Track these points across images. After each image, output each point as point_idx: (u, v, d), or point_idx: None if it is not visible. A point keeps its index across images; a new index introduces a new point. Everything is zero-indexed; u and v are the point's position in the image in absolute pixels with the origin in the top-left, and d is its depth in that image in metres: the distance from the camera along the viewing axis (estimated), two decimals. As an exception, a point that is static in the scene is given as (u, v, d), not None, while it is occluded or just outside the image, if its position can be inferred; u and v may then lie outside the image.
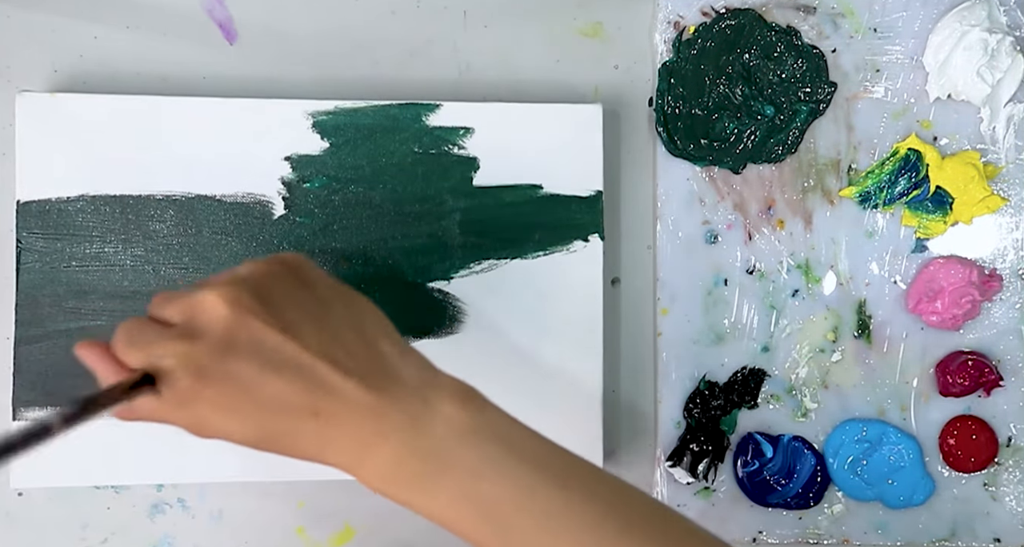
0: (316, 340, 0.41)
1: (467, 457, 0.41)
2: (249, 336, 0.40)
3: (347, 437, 0.41)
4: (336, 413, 0.41)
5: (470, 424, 0.41)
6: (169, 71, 0.59)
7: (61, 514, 0.58)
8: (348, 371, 0.41)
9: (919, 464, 0.59)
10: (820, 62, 0.60)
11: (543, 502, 0.41)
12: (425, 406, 0.41)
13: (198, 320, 0.41)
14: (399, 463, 0.41)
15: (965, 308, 0.59)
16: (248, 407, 0.41)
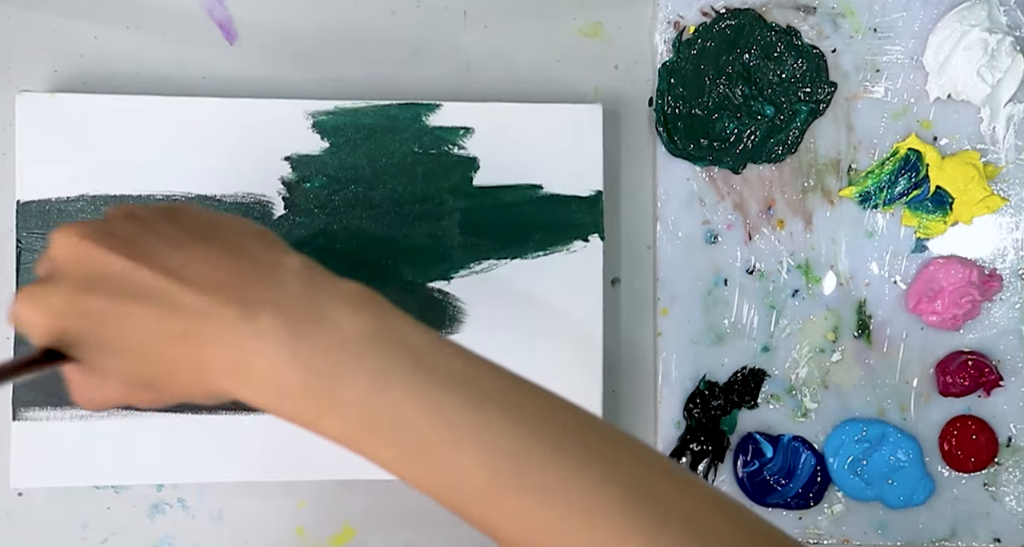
0: (172, 262, 0.38)
1: (362, 367, 0.36)
2: (97, 268, 0.38)
3: (222, 355, 0.37)
4: (204, 332, 0.37)
5: (366, 330, 0.37)
6: (169, 71, 0.59)
7: (61, 514, 0.58)
8: (211, 287, 0.37)
9: (919, 464, 0.59)
10: (820, 62, 0.60)
11: (454, 418, 0.36)
12: (309, 312, 0.37)
13: (51, 264, 0.39)
14: (278, 375, 0.36)
15: (965, 308, 0.59)
16: (119, 343, 0.38)
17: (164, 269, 0.37)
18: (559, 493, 0.36)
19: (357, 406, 0.36)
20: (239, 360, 0.37)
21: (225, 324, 0.37)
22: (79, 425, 0.56)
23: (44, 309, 0.38)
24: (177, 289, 0.37)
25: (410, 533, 0.59)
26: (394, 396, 0.36)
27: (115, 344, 0.38)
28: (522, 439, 0.36)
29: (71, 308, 0.38)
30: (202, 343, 0.37)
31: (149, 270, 0.37)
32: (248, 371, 0.37)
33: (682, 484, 0.38)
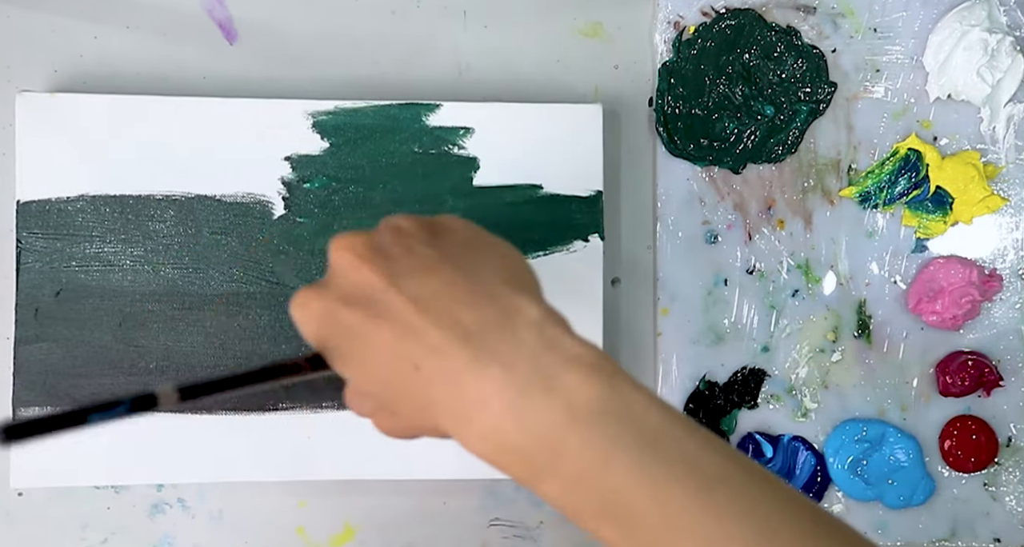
0: (420, 288, 0.38)
1: (587, 441, 0.35)
2: (356, 282, 0.39)
3: (448, 397, 0.37)
4: (434, 367, 0.37)
5: (595, 402, 0.35)
6: (169, 71, 0.59)
7: (61, 514, 0.58)
8: (448, 323, 0.37)
9: (919, 464, 0.59)
10: (820, 62, 0.60)
11: (680, 505, 0.35)
12: (537, 372, 0.36)
13: (330, 270, 0.41)
14: (500, 433, 0.36)
15: (965, 308, 0.59)
16: (362, 360, 0.39)
17: (411, 294, 0.38)
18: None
19: (579, 479, 0.35)
20: (463, 407, 0.37)
21: (454, 366, 0.37)
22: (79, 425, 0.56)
23: (309, 315, 0.40)
24: (417, 318, 0.37)
25: (410, 533, 0.59)
26: (617, 474, 0.35)
27: (360, 359, 0.39)
28: (747, 533, 0.35)
29: (329, 317, 0.39)
30: (430, 378, 0.37)
31: (397, 293, 0.38)
32: (471, 421, 0.36)
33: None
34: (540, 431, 0.35)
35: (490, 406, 0.36)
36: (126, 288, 0.56)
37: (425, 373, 0.37)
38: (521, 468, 0.36)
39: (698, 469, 0.35)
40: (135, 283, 0.56)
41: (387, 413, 0.41)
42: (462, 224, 0.42)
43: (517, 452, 0.36)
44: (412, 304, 0.38)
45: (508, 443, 0.36)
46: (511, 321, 0.37)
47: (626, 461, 0.35)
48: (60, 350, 0.56)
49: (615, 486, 0.35)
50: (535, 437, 0.35)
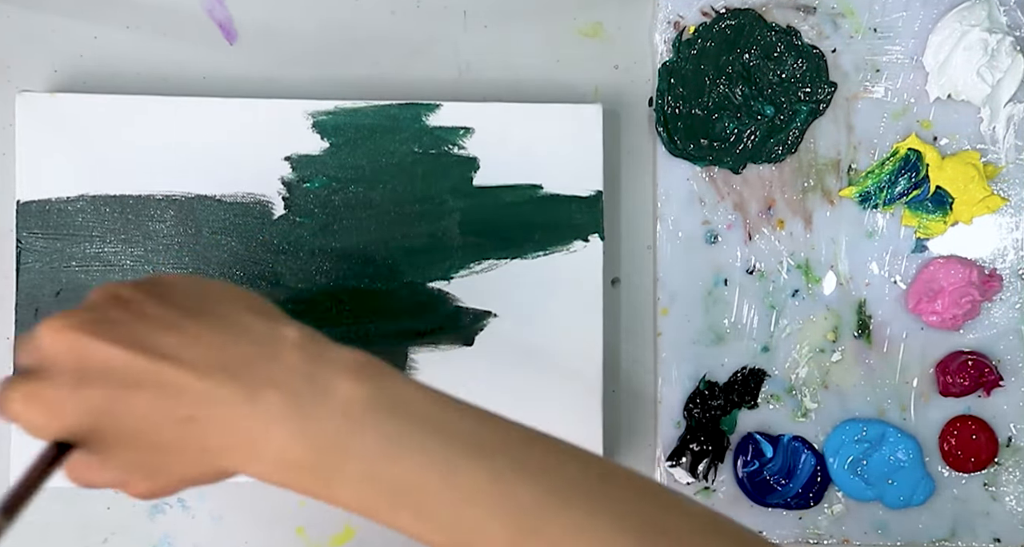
0: (166, 346, 0.37)
1: (367, 438, 0.36)
2: (91, 359, 0.37)
3: (228, 437, 0.37)
4: (209, 415, 0.37)
5: (367, 400, 0.37)
6: (169, 71, 0.59)
7: (61, 514, 0.58)
8: (209, 369, 0.37)
9: (919, 464, 0.59)
10: (820, 62, 0.60)
11: (466, 477, 0.36)
12: (310, 386, 0.37)
13: (39, 357, 0.38)
14: (286, 453, 0.36)
15: (965, 308, 0.59)
16: (121, 433, 0.37)
17: (159, 354, 0.37)
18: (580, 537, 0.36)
19: (369, 477, 0.36)
20: (246, 441, 0.37)
21: (228, 406, 0.37)
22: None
23: (42, 408, 0.37)
24: (175, 373, 0.37)
25: (410, 533, 0.59)
26: (404, 463, 0.36)
27: (117, 434, 0.37)
28: (533, 493, 0.36)
29: (71, 404, 0.37)
30: (207, 425, 0.37)
31: (144, 357, 0.37)
32: (256, 451, 0.37)
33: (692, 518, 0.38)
34: (324, 441, 0.36)
35: (273, 431, 0.36)
36: (126, 288, 0.56)
37: (199, 422, 0.37)
38: (313, 482, 0.37)
39: (477, 443, 0.37)
40: (135, 283, 0.56)
41: (141, 477, 0.39)
42: (181, 278, 0.41)
43: (306, 467, 0.37)
44: (165, 361, 0.37)
45: (297, 461, 0.37)
46: (272, 347, 0.38)
47: (409, 449, 0.36)
48: (60, 350, 0.56)
49: (403, 475, 0.36)
50: (320, 448, 0.36)
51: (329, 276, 0.57)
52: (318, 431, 0.36)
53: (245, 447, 0.37)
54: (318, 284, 0.57)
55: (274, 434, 0.36)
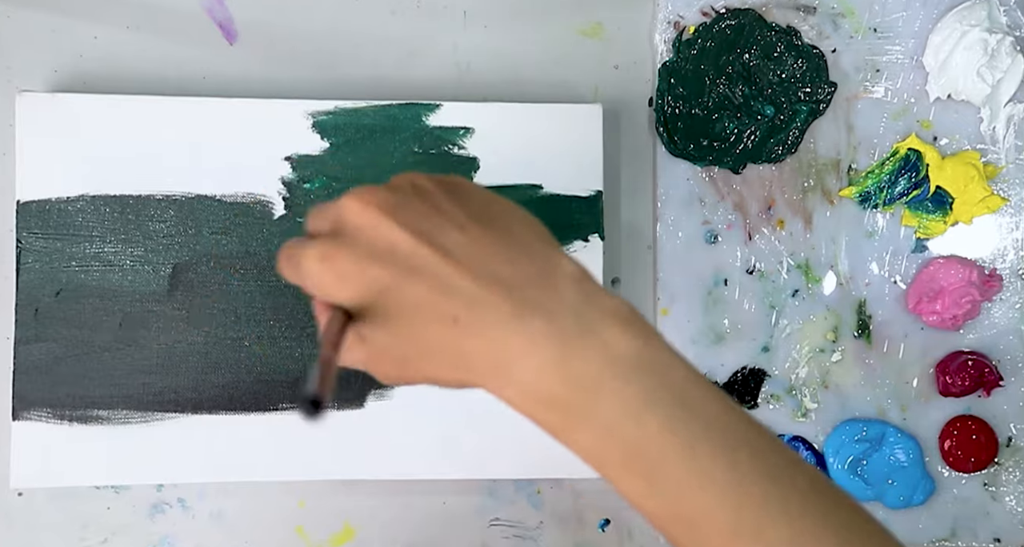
0: (453, 244, 0.38)
1: (625, 393, 0.36)
2: (384, 239, 0.38)
3: (488, 349, 0.37)
4: (476, 322, 0.37)
5: (631, 355, 0.36)
6: (169, 71, 0.59)
7: (61, 514, 0.58)
8: (487, 277, 0.37)
9: (919, 464, 0.59)
10: (820, 62, 0.60)
11: (706, 460, 0.36)
12: (580, 326, 0.36)
13: (339, 225, 0.39)
14: (541, 383, 0.36)
15: (965, 308, 0.59)
16: (390, 317, 0.38)
17: (444, 249, 0.38)
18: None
19: (611, 429, 0.36)
20: (503, 358, 0.37)
21: (494, 318, 0.37)
22: (79, 425, 0.56)
23: (334, 271, 0.38)
24: (453, 271, 0.37)
25: (410, 533, 0.59)
26: (651, 428, 0.36)
27: (386, 316, 0.38)
28: (768, 491, 0.36)
29: (357, 275, 0.38)
30: (469, 331, 0.37)
31: (430, 248, 0.37)
32: (511, 372, 0.37)
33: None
34: (580, 381, 0.36)
35: (532, 356, 0.36)
36: (126, 288, 0.56)
37: (463, 326, 0.37)
38: (556, 418, 0.37)
39: (722, 429, 0.37)
40: (135, 283, 0.56)
41: (391, 363, 0.39)
42: (477, 187, 0.42)
43: (555, 402, 0.36)
44: (446, 258, 0.37)
45: (547, 393, 0.36)
46: (550, 276, 0.38)
47: (658, 414, 0.36)
48: (60, 350, 0.56)
49: (645, 439, 0.36)
50: (574, 387, 0.36)
51: (329, 276, 0.57)
52: (578, 371, 0.36)
53: (500, 365, 0.37)
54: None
55: (532, 360, 0.36)
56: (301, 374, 0.57)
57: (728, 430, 0.37)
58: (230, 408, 0.56)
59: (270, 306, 0.57)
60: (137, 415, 0.56)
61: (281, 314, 0.57)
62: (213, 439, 0.56)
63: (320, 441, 0.57)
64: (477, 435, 0.57)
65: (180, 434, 0.56)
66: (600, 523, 0.60)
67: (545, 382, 0.36)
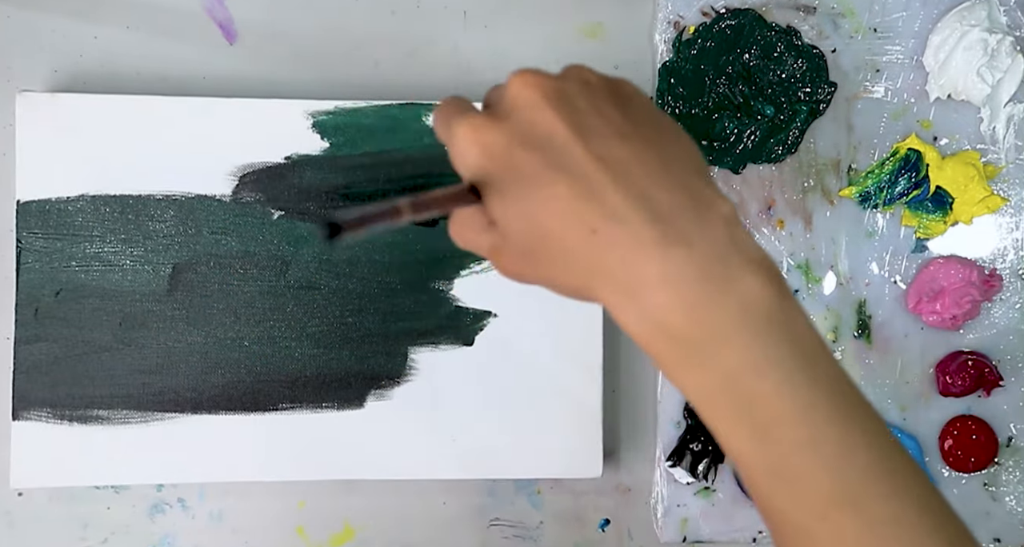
0: (611, 152, 0.36)
1: (750, 343, 0.35)
2: (542, 127, 0.36)
3: (622, 268, 0.35)
4: (616, 238, 0.35)
5: (766, 309, 0.35)
6: (169, 71, 0.59)
7: (61, 514, 0.58)
8: (637, 195, 0.35)
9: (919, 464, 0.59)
10: (820, 62, 0.60)
11: (820, 425, 0.35)
12: (723, 267, 0.35)
13: (502, 103, 0.38)
14: (667, 314, 0.35)
15: (965, 308, 0.59)
16: (530, 208, 0.36)
17: (600, 156, 0.36)
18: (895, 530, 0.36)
19: (730, 376, 0.35)
20: (635, 281, 0.35)
21: (635, 239, 0.35)
22: (79, 425, 0.56)
23: (478, 144, 0.37)
24: (608, 181, 0.36)
25: (410, 533, 0.59)
26: (768, 382, 0.35)
27: (525, 207, 0.37)
28: (877, 463, 0.36)
29: (505, 156, 0.37)
30: (606, 246, 0.35)
31: (586, 150, 0.36)
32: (638, 296, 0.35)
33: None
34: (708, 322, 0.35)
35: (666, 289, 0.35)
36: (126, 288, 0.56)
37: (601, 239, 0.35)
38: (674, 353, 0.36)
39: (840, 395, 0.36)
40: (135, 283, 0.56)
41: (518, 255, 0.38)
42: (646, 99, 0.40)
43: (676, 337, 0.35)
44: (600, 164, 0.36)
45: (671, 325, 0.35)
46: (703, 211, 0.36)
47: (780, 372, 0.35)
48: (60, 350, 0.56)
49: (763, 393, 0.35)
50: (701, 326, 0.35)
51: (329, 276, 0.57)
52: (711, 315, 0.35)
53: (629, 287, 0.36)
54: (318, 284, 0.57)
55: (665, 293, 0.35)
56: (301, 374, 0.57)
57: (846, 399, 0.36)
58: (230, 408, 0.56)
59: (270, 306, 0.57)
60: (137, 415, 0.56)
61: (281, 314, 0.57)
62: (213, 439, 0.56)
63: (320, 441, 0.57)
64: (477, 435, 0.57)
65: (180, 434, 0.56)
66: (600, 523, 0.60)
67: (674, 316, 0.35)
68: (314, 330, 0.57)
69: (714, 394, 0.36)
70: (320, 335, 0.57)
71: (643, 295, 0.35)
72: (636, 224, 0.35)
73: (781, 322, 0.36)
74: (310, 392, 0.57)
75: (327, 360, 0.57)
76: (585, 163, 0.36)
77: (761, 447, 0.36)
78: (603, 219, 0.35)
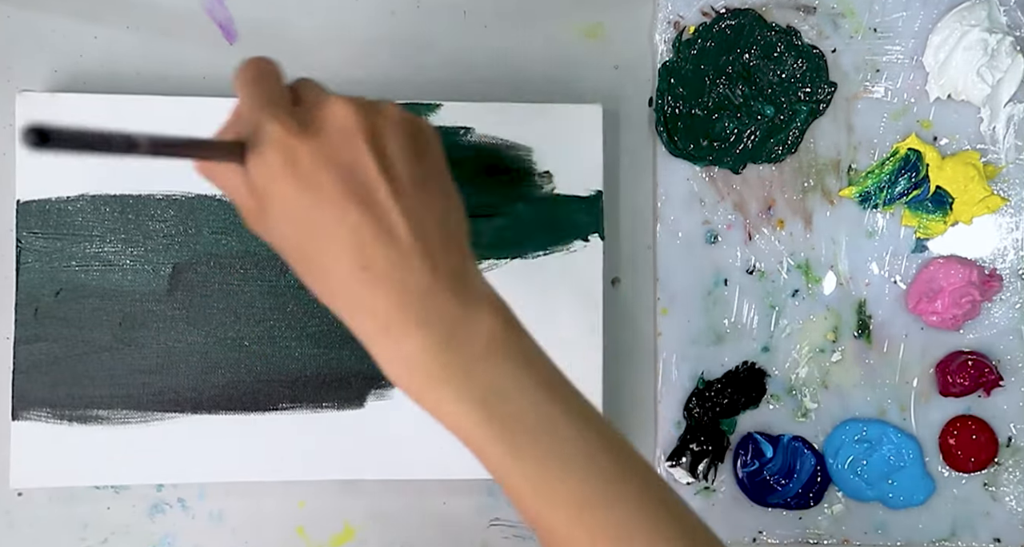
0: (408, 202, 0.40)
1: (495, 373, 0.40)
2: (350, 155, 0.39)
3: (386, 304, 0.39)
4: (389, 276, 0.39)
5: (503, 340, 0.40)
6: (169, 71, 0.59)
7: (61, 514, 0.58)
8: (422, 240, 0.39)
9: (919, 464, 0.59)
10: (820, 62, 0.60)
11: (562, 434, 0.40)
12: (467, 310, 0.40)
13: (321, 116, 0.40)
14: (425, 357, 0.39)
15: (965, 308, 0.59)
16: (311, 222, 0.39)
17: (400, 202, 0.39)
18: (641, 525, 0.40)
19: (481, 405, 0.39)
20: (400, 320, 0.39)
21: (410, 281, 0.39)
22: (79, 426, 0.56)
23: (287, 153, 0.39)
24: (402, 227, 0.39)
25: (410, 533, 0.59)
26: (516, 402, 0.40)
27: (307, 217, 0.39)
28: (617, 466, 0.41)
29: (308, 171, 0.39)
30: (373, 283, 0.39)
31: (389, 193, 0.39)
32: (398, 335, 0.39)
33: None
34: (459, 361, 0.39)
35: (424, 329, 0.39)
36: (126, 288, 0.56)
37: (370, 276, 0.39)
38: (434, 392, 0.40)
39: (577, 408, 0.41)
40: (135, 283, 0.56)
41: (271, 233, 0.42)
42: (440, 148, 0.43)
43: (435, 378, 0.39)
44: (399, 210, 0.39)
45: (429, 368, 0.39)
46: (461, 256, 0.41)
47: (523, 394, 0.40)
48: (60, 350, 0.56)
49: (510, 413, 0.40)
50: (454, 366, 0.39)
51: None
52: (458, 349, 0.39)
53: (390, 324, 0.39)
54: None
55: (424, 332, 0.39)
56: (301, 374, 0.57)
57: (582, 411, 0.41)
58: (230, 408, 0.56)
59: (270, 306, 0.57)
60: (137, 415, 0.56)
61: (281, 314, 0.57)
62: (213, 439, 0.56)
63: (320, 441, 0.57)
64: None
65: (180, 434, 0.56)
66: (600, 523, 0.60)
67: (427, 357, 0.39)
68: (314, 330, 0.57)
69: (473, 423, 0.40)
70: (320, 335, 0.57)
71: (402, 331, 0.39)
72: (413, 264, 0.39)
73: (516, 350, 0.41)
74: (310, 392, 0.57)
75: (327, 360, 0.57)
76: (385, 204, 0.39)
77: (517, 462, 0.40)
78: (384, 260, 0.39)
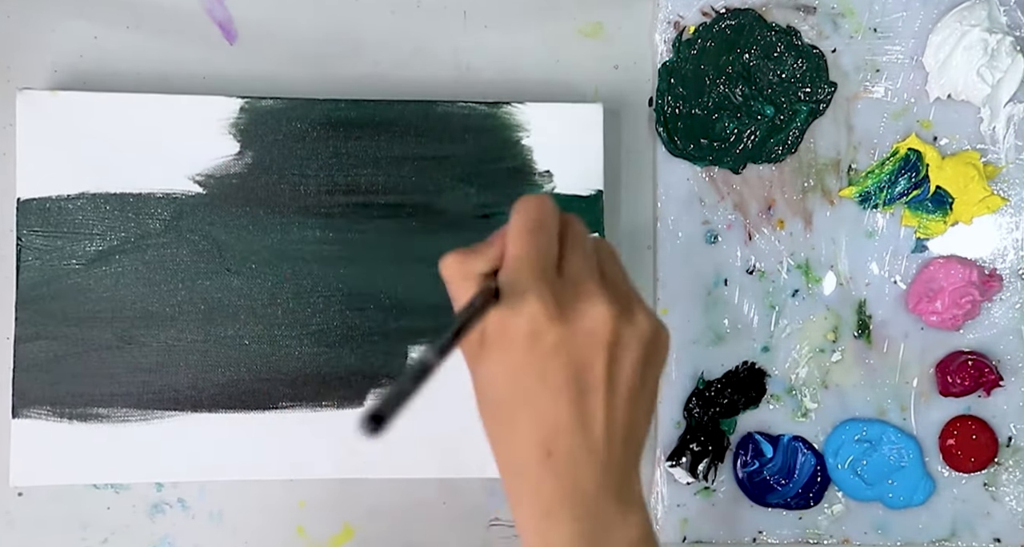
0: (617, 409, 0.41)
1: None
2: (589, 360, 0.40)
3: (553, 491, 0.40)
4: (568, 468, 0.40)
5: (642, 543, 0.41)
6: (169, 71, 0.59)
7: (61, 514, 0.58)
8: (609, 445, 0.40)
9: (919, 464, 0.59)
10: (820, 62, 0.60)
11: None
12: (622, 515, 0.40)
13: (580, 309, 0.40)
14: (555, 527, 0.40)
15: (965, 308, 0.59)
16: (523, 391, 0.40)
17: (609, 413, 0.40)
18: None
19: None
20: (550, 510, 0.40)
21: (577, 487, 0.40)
22: (79, 424, 0.56)
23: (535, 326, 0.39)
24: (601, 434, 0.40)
25: (410, 533, 0.59)
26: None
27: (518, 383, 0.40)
28: None
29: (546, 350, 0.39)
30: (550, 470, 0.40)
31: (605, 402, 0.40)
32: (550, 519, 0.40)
33: None
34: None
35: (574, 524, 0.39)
36: (126, 286, 0.56)
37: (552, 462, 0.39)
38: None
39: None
40: (135, 281, 0.56)
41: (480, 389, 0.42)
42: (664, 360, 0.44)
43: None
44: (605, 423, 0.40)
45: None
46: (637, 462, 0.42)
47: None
48: (60, 348, 0.56)
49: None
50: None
51: (330, 275, 0.57)
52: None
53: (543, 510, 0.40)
54: (319, 284, 0.57)
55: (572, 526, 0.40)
56: (301, 372, 0.57)
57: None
58: (230, 407, 0.56)
59: (270, 305, 0.57)
60: (137, 413, 0.56)
61: (281, 313, 0.57)
62: (213, 438, 0.56)
63: (320, 441, 0.57)
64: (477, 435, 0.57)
65: (180, 432, 0.56)
66: (600, 523, 0.60)
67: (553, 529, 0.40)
68: (314, 329, 0.57)
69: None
70: (320, 334, 0.57)
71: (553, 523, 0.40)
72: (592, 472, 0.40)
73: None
74: (310, 391, 0.57)
75: (327, 359, 0.57)
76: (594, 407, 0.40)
77: None
78: (568, 452, 0.39)
